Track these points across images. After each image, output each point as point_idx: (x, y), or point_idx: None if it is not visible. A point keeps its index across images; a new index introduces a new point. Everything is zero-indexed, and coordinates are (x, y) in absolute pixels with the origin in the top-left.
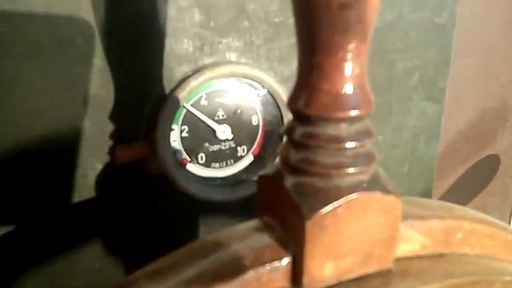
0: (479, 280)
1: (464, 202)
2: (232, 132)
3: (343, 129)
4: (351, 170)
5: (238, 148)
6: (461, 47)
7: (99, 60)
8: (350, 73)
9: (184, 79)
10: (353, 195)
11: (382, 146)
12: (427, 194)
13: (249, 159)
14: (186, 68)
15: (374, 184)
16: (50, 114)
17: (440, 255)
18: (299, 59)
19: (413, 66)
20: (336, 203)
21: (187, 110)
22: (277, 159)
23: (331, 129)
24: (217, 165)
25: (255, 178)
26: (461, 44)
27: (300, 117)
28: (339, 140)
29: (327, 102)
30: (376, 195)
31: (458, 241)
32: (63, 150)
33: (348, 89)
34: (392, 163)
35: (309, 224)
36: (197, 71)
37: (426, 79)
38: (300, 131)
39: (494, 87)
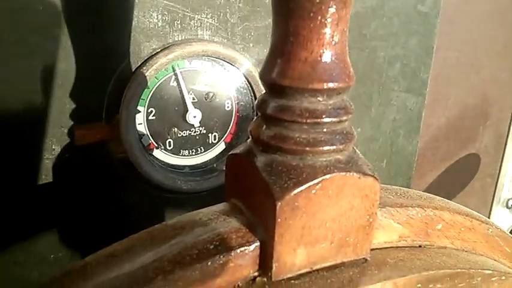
0: (459, 273)
1: None
2: (203, 118)
3: (320, 102)
4: (327, 147)
5: (210, 135)
6: (443, 40)
7: (58, 30)
8: (329, 40)
9: (152, 56)
10: (328, 175)
11: (360, 139)
12: None
13: (220, 147)
14: (154, 44)
15: (351, 165)
16: (1, 89)
17: (419, 247)
18: (273, 25)
19: (395, 55)
20: (310, 183)
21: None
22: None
23: (306, 102)
24: (186, 152)
25: None
26: (443, 36)
27: (274, 89)
28: (315, 114)
29: (303, 72)
30: (354, 177)
31: (438, 233)
32: (16, 129)
33: (327, 57)
34: (370, 157)
35: (280, 205)
36: (166, 47)
37: (408, 69)
38: (272, 104)
39: (476, 83)
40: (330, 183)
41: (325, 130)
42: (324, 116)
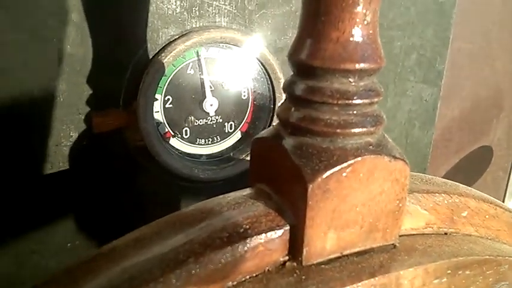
0: (487, 260)
1: None
2: (219, 106)
3: (350, 84)
4: (358, 130)
5: (226, 124)
6: (457, 31)
7: (77, 15)
8: (361, 20)
9: (170, 43)
10: (360, 158)
11: None
12: None
13: (236, 136)
14: (172, 31)
15: (382, 148)
16: (20, 74)
17: (445, 234)
18: (303, 4)
19: (412, 45)
20: (341, 166)
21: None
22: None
23: (337, 83)
24: (202, 141)
25: (243, 157)
26: (456, 27)
27: (303, 70)
28: (346, 95)
29: (334, 52)
30: (384, 160)
31: (463, 220)
32: (34, 115)
33: (358, 37)
34: None
35: (312, 188)
36: (184, 34)
37: (424, 60)
38: (302, 85)
39: (489, 75)
40: (361, 166)
41: (355, 112)
42: (355, 98)
